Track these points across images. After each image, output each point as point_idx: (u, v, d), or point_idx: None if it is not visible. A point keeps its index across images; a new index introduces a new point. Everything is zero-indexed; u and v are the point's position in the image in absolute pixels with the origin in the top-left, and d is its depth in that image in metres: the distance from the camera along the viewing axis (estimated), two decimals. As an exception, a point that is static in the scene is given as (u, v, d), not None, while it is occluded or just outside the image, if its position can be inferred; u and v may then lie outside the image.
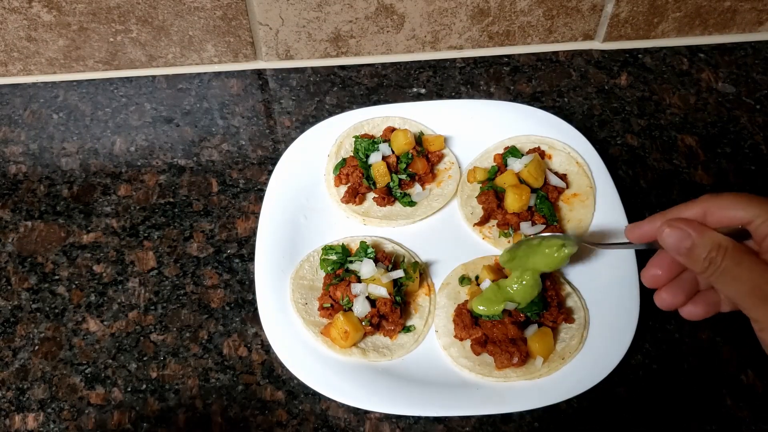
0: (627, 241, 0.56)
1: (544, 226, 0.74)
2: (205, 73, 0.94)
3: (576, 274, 0.72)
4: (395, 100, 0.89)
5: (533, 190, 0.75)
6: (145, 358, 0.69)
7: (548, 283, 0.69)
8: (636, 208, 0.77)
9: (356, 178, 0.78)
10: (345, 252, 0.72)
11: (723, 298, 0.54)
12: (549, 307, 0.68)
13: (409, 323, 0.70)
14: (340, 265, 0.71)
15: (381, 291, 0.68)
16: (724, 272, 0.48)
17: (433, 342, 0.69)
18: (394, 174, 0.78)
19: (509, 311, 0.67)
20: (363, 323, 0.67)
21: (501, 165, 0.79)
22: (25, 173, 0.84)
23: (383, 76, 0.93)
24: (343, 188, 0.79)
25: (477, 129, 0.83)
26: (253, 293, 0.72)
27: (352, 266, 0.71)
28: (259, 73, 0.94)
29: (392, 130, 0.81)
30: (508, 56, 0.95)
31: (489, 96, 0.90)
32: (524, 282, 0.67)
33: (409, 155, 0.79)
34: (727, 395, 0.65)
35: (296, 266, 0.73)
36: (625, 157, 0.84)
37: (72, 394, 0.67)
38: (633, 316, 0.67)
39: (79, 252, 0.77)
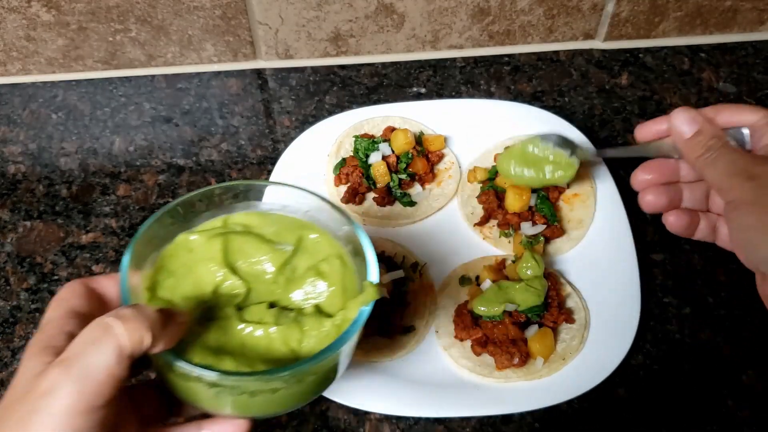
0: (627, 148, 0.62)
1: (544, 226, 0.74)
2: (204, 72, 0.93)
3: (576, 275, 0.72)
4: (395, 100, 0.89)
5: (533, 190, 0.75)
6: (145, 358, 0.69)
7: (549, 283, 0.69)
8: (636, 208, 0.76)
9: (356, 177, 0.78)
10: (345, 252, 0.72)
11: (704, 226, 0.57)
12: (549, 307, 0.68)
13: (409, 323, 0.70)
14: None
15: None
16: (717, 158, 0.51)
17: (434, 342, 0.69)
18: (394, 174, 0.78)
19: (510, 312, 0.67)
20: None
21: (501, 165, 0.79)
22: (24, 173, 0.84)
23: (383, 75, 0.93)
24: (343, 188, 0.79)
25: (477, 129, 0.83)
26: (253, 293, 0.72)
27: (352, 266, 0.71)
28: (259, 73, 0.93)
29: (392, 129, 0.81)
30: (509, 56, 0.94)
31: (489, 95, 0.90)
32: (530, 289, 0.67)
33: (409, 155, 0.79)
34: (728, 395, 0.65)
35: (296, 266, 0.73)
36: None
37: (71, 394, 0.67)
38: (634, 316, 0.67)
39: (78, 252, 0.77)
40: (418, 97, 0.90)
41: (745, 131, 0.54)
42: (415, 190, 0.79)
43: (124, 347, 0.36)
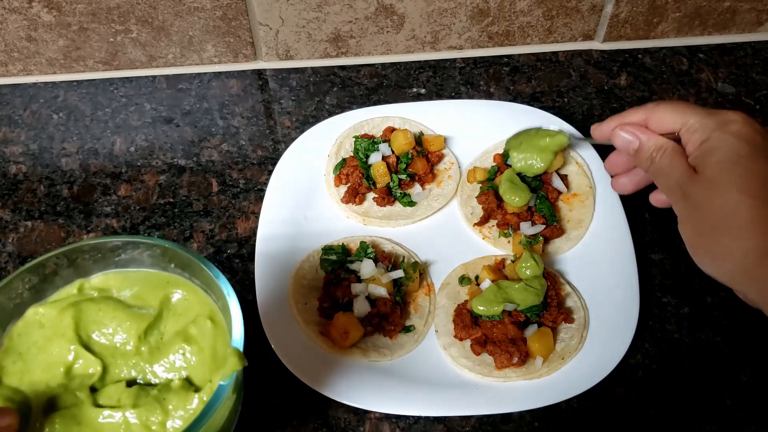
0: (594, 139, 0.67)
1: (544, 226, 0.74)
2: (205, 73, 0.94)
3: (576, 274, 0.73)
4: (395, 100, 0.89)
5: (533, 190, 0.75)
6: (145, 358, 0.69)
7: (548, 283, 0.69)
8: (636, 207, 0.77)
9: (356, 178, 0.78)
10: (345, 252, 0.73)
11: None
12: (549, 307, 0.68)
13: (409, 323, 0.70)
14: (340, 265, 0.71)
15: (381, 291, 0.68)
16: (659, 169, 0.57)
17: (433, 342, 0.69)
18: (394, 174, 0.78)
19: (509, 311, 0.67)
20: (363, 323, 0.67)
21: (501, 165, 0.79)
22: (25, 173, 0.84)
23: (383, 76, 0.93)
24: (343, 188, 0.79)
25: (477, 129, 0.83)
26: (253, 293, 0.72)
27: (352, 266, 0.71)
28: (259, 74, 0.94)
29: (392, 130, 0.81)
30: (508, 56, 0.95)
31: (489, 96, 0.90)
32: (529, 289, 0.67)
33: (409, 155, 0.79)
34: (727, 395, 0.65)
35: (296, 266, 0.73)
36: (625, 157, 0.84)
37: (72, 394, 0.67)
38: (633, 316, 0.67)
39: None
40: (418, 97, 0.91)
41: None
42: (415, 190, 0.79)
43: None
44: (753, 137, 0.54)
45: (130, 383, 0.42)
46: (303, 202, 0.79)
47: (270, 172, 0.81)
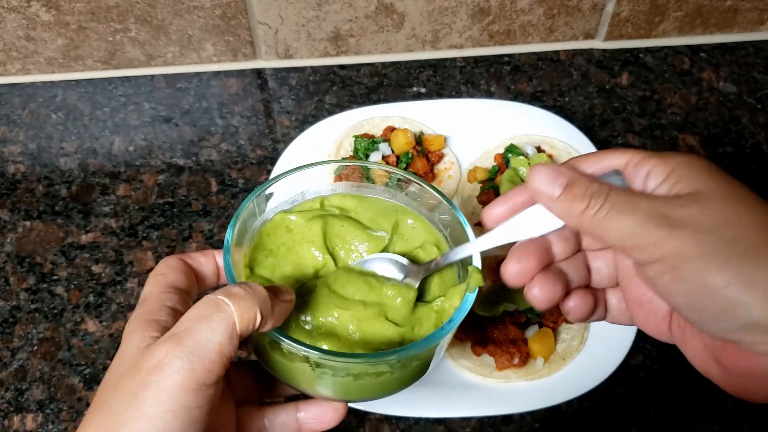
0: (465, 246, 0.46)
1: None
2: (204, 72, 0.93)
3: (577, 275, 0.72)
4: (395, 100, 0.89)
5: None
6: (144, 359, 0.69)
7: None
8: (637, 208, 0.77)
9: (356, 178, 0.78)
10: (345, 252, 0.72)
11: (605, 303, 0.44)
12: (549, 307, 0.68)
13: (409, 324, 0.69)
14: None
15: (381, 291, 0.68)
16: (612, 209, 0.37)
17: (433, 342, 0.69)
18: (394, 174, 0.78)
19: (510, 312, 0.67)
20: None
21: (501, 165, 0.78)
22: (23, 173, 0.84)
23: (383, 75, 0.93)
24: (343, 188, 0.79)
25: (477, 129, 0.83)
26: (253, 293, 0.71)
27: (352, 266, 0.71)
28: (259, 73, 0.93)
29: (392, 129, 0.81)
30: (509, 55, 0.94)
31: (489, 95, 0.90)
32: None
33: (409, 155, 0.78)
34: (728, 396, 0.65)
35: (296, 266, 0.73)
36: (626, 156, 0.83)
37: (71, 394, 0.67)
38: (634, 316, 0.67)
39: (77, 252, 0.77)
40: (418, 97, 0.90)
41: (617, 177, 0.40)
42: (415, 190, 0.79)
43: (235, 326, 0.35)
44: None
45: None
46: (303, 201, 0.78)
47: (269, 172, 0.81)
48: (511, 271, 0.42)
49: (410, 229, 0.49)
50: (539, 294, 0.41)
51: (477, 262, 0.45)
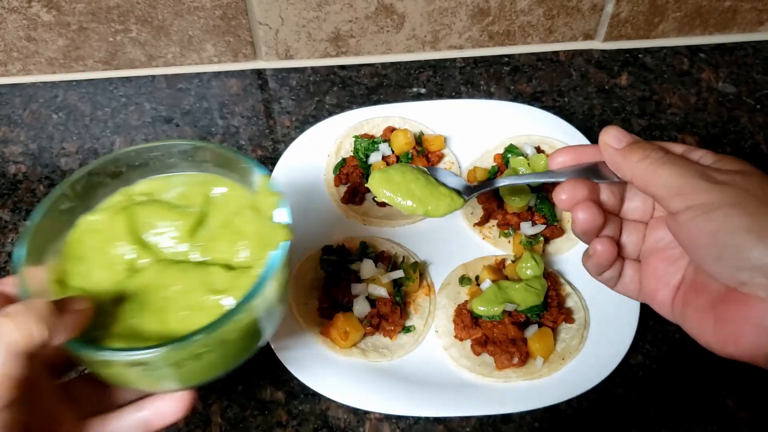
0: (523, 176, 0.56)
1: (544, 226, 0.74)
2: (204, 72, 0.94)
3: (576, 274, 0.72)
4: (395, 100, 0.89)
5: (533, 190, 0.75)
6: (144, 359, 0.69)
7: (549, 283, 0.69)
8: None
9: (356, 178, 0.78)
10: (345, 252, 0.72)
11: (620, 271, 0.50)
12: (549, 307, 0.68)
13: (409, 323, 0.70)
14: (340, 265, 0.71)
15: (381, 291, 0.68)
16: (664, 162, 0.45)
17: (433, 342, 0.69)
18: (394, 174, 0.78)
19: (509, 312, 0.67)
20: (363, 323, 0.67)
21: (501, 165, 0.79)
22: (24, 173, 0.84)
23: (383, 75, 0.93)
24: (343, 188, 0.79)
25: (477, 129, 0.83)
26: (253, 293, 0.72)
27: (352, 266, 0.71)
28: (259, 73, 0.94)
29: (392, 130, 0.81)
30: (509, 56, 0.95)
31: (489, 96, 0.90)
32: (530, 289, 0.67)
33: (409, 155, 0.79)
34: (727, 395, 0.65)
35: (296, 266, 0.73)
36: (626, 157, 0.84)
37: (71, 394, 0.67)
38: (633, 316, 0.67)
39: (78, 252, 0.77)
40: (418, 97, 0.90)
41: None
42: (415, 190, 0.79)
43: (14, 344, 0.35)
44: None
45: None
46: (303, 202, 0.78)
47: (269, 172, 0.81)
48: (562, 195, 0.48)
49: (223, 197, 0.49)
50: (583, 218, 0.48)
51: (282, 217, 0.45)
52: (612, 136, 0.48)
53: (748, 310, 0.41)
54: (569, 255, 0.74)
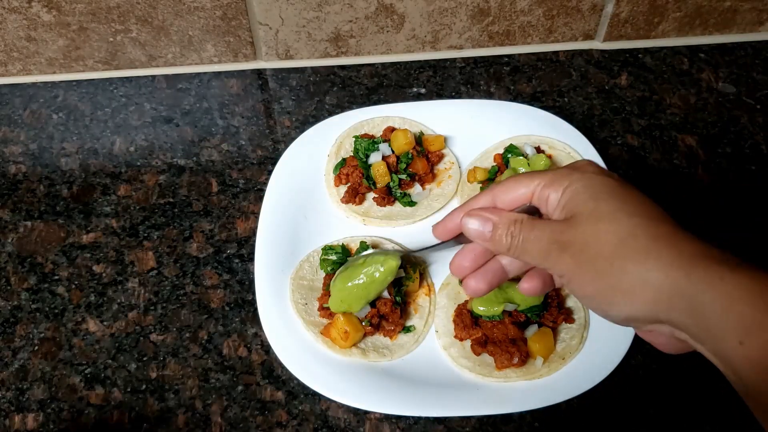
0: (440, 242, 0.57)
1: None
2: (204, 73, 0.94)
3: (576, 274, 0.72)
4: (395, 100, 0.89)
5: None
6: (144, 359, 0.69)
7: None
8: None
9: (356, 178, 0.78)
10: (345, 252, 0.72)
11: (539, 282, 0.54)
12: (549, 307, 0.68)
13: (409, 323, 0.70)
14: (340, 265, 0.71)
15: (381, 291, 0.68)
16: (524, 242, 0.49)
17: (433, 342, 0.69)
18: (394, 174, 0.78)
19: (509, 312, 0.67)
20: (363, 323, 0.67)
21: (501, 165, 0.79)
22: (24, 173, 0.84)
23: (383, 75, 0.93)
24: (343, 188, 0.79)
25: (477, 129, 0.83)
26: (253, 293, 0.72)
27: (352, 266, 0.71)
28: (259, 73, 0.94)
29: (392, 130, 0.81)
30: (509, 56, 0.95)
31: (489, 96, 0.90)
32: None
33: (409, 155, 0.79)
34: (729, 396, 0.65)
35: (296, 266, 0.73)
36: (625, 157, 0.84)
37: (72, 394, 0.67)
38: (633, 316, 0.67)
39: (78, 252, 0.77)
40: (418, 97, 0.91)
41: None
42: (415, 190, 0.79)
43: None
44: (609, 173, 0.50)
45: None
46: (303, 202, 0.78)
47: (270, 172, 0.81)
48: (456, 264, 0.55)
49: None
50: (472, 284, 0.55)
51: None
52: (475, 229, 0.52)
53: (669, 343, 0.49)
54: (569, 255, 0.74)
